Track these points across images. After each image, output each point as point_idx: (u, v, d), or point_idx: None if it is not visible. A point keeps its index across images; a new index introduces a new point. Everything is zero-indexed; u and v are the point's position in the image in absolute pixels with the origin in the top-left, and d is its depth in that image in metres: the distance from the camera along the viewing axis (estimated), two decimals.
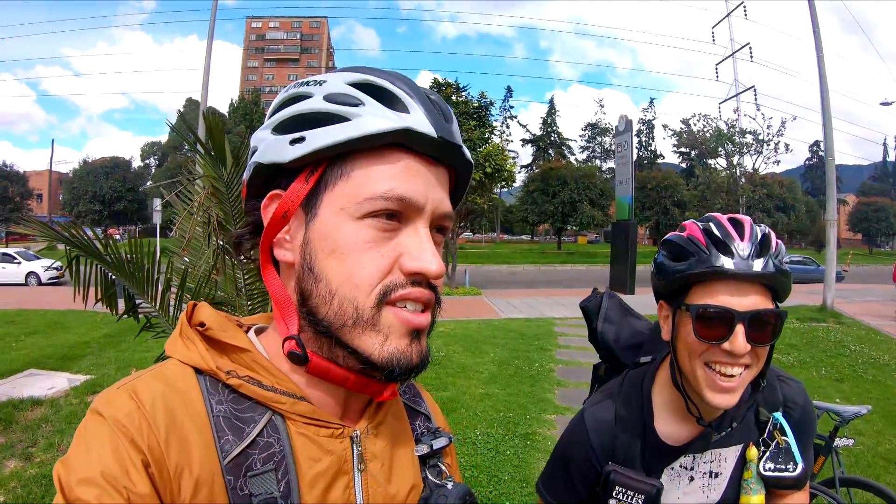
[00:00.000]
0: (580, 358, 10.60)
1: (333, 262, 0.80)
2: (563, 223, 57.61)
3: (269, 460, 0.80)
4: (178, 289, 3.70)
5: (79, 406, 7.19)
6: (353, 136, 0.78)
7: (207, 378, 0.82)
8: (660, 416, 1.48)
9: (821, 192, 64.63)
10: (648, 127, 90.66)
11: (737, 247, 1.26)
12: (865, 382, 9.37)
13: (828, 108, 18.87)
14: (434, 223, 0.84)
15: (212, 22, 21.92)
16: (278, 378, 0.85)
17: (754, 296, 1.26)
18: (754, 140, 49.74)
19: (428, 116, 0.80)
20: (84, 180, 63.59)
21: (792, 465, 1.38)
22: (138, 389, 0.76)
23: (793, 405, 1.47)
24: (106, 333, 11.83)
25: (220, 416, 0.79)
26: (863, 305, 19.44)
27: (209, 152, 3.55)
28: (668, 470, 1.46)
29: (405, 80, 0.84)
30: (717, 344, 1.26)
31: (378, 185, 0.79)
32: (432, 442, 1.01)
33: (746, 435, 1.45)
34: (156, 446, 0.72)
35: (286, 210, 0.83)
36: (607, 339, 1.78)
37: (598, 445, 1.51)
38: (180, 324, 0.87)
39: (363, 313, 0.79)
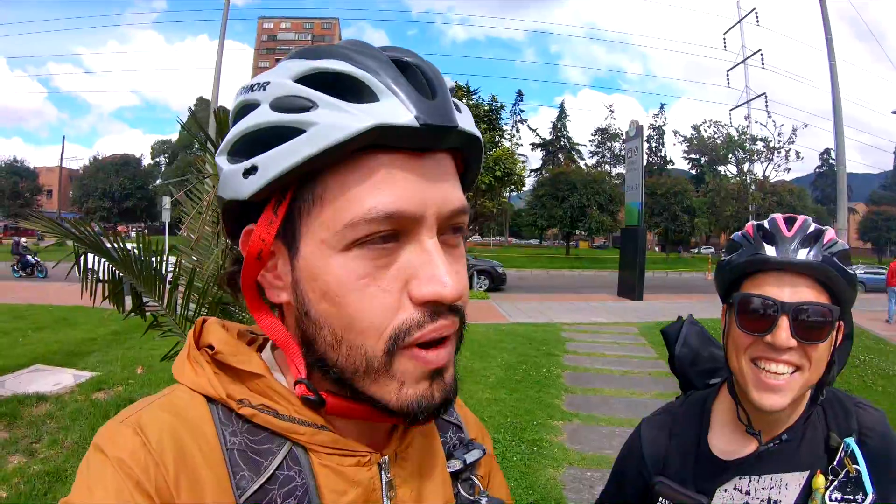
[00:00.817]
0: (588, 364, 10.59)
1: (329, 306, 0.68)
2: (572, 228, 57.62)
3: (290, 496, 0.71)
4: (186, 288, 3.69)
5: (84, 403, 7.18)
6: (311, 153, 0.63)
7: (220, 406, 0.74)
8: (716, 430, 1.43)
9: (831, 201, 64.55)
10: (659, 133, 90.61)
11: (781, 237, 1.25)
12: (875, 393, 9.30)
13: (839, 115, 18.83)
14: (443, 226, 0.70)
15: (223, 22, 22.02)
16: (296, 406, 0.75)
17: (804, 289, 1.22)
18: (765, 147, 49.82)
19: (405, 99, 0.64)
20: (94, 177, 64.01)
21: (861, 496, 1.26)
22: (144, 423, 0.69)
23: (869, 433, 1.34)
24: (113, 331, 11.84)
25: (234, 449, 0.72)
26: (872, 315, 19.35)
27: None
28: (721, 492, 1.37)
29: (366, 52, 0.67)
30: (760, 336, 1.23)
31: (358, 205, 0.65)
32: (465, 456, 0.93)
33: (813, 461, 1.33)
34: (164, 487, 0.65)
35: (259, 251, 0.71)
36: (684, 363, 1.71)
37: (649, 458, 1.48)
38: (187, 345, 0.79)
39: (373, 361, 0.68)
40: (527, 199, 67.62)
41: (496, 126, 23.72)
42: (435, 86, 0.68)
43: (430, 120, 0.64)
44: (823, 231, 1.26)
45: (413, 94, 0.65)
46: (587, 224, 55.39)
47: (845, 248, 1.26)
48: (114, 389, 7.82)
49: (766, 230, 1.28)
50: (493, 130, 22.96)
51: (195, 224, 3.92)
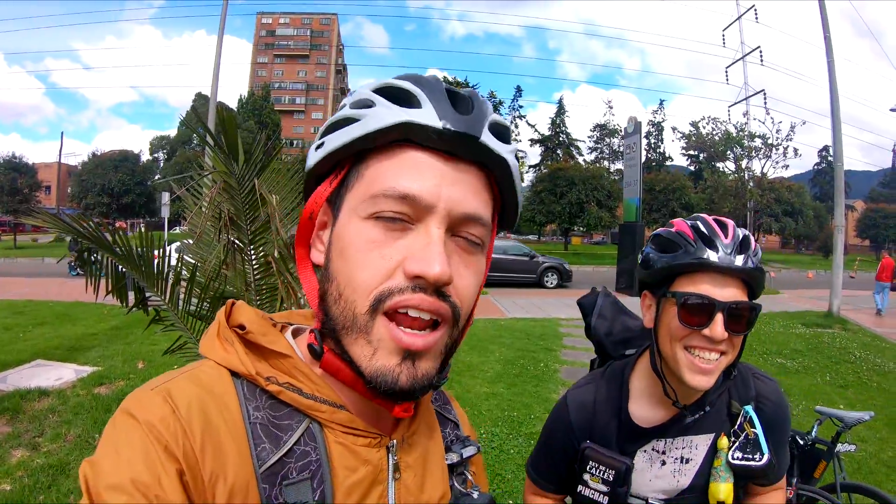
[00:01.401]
0: (585, 359, 10.53)
1: (341, 262, 0.78)
2: (571, 224, 57.37)
3: (305, 469, 0.77)
4: (188, 283, 3.72)
5: (85, 397, 7.23)
6: (357, 135, 0.78)
7: (245, 382, 0.80)
8: (635, 400, 1.62)
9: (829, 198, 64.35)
10: (657, 129, 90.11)
11: (721, 243, 1.41)
12: (870, 389, 9.37)
13: (838, 113, 18.81)
14: (454, 225, 0.78)
15: (222, 17, 21.98)
16: (319, 386, 0.83)
17: (733, 288, 1.40)
18: (763, 144, 49.58)
19: (439, 109, 0.76)
20: (93, 173, 63.58)
21: (759, 456, 1.48)
22: (173, 392, 0.73)
23: (765, 401, 1.59)
24: (113, 326, 11.90)
25: (256, 422, 0.77)
26: (869, 312, 19.39)
27: (222, 148, 3.56)
28: (642, 452, 1.58)
29: (429, 81, 0.80)
30: (698, 330, 1.39)
31: (382, 183, 0.76)
32: (462, 451, 1.01)
33: (718, 425, 1.56)
34: (191, 453, 0.69)
35: (311, 212, 0.84)
36: (599, 333, 1.89)
37: (577, 425, 1.66)
38: (217, 324, 0.85)
39: (358, 319, 0.76)
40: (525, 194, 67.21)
41: None
42: (470, 107, 0.80)
43: (454, 126, 0.76)
44: (749, 237, 1.44)
45: (449, 108, 0.77)
46: (586, 220, 55.20)
47: (760, 250, 1.46)
48: (115, 384, 7.87)
49: (705, 234, 1.43)
50: None
51: (197, 220, 3.95)
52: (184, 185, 4.22)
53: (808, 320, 16.15)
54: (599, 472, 1.56)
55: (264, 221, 3.73)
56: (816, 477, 4.24)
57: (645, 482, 1.57)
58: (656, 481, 1.56)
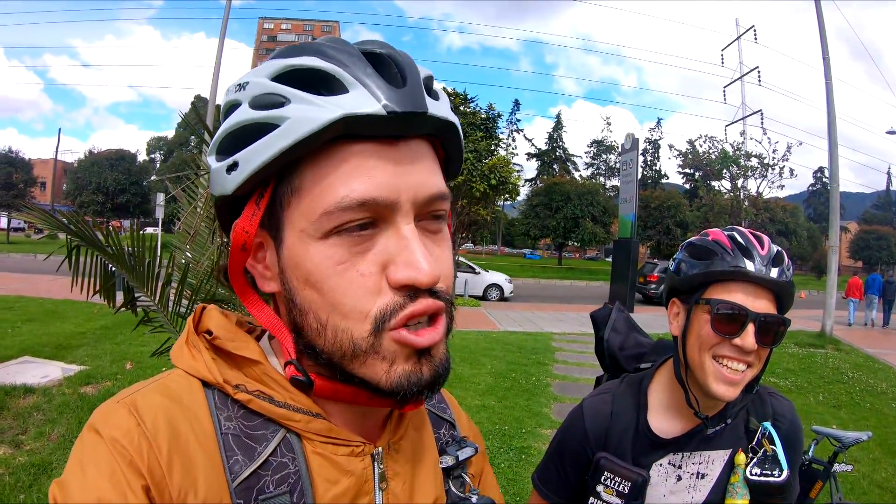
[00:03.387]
0: (577, 374, 10.61)
1: (311, 292, 0.71)
2: (565, 238, 57.70)
3: (283, 482, 0.73)
4: (179, 284, 3.68)
5: (71, 396, 7.15)
6: (283, 146, 0.66)
7: (216, 391, 0.75)
8: (654, 411, 1.59)
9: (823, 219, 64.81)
10: (654, 146, 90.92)
11: (758, 254, 1.40)
12: (863, 410, 9.39)
13: (834, 134, 18.96)
14: (422, 211, 0.72)
15: (224, 20, 22.03)
16: (292, 393, 0.77)
17: (765, 301, 1.40)
18: (759, 164, 49.87)
19: (372, 89, 0.66)
20: (89, 171, 63.76)
21: (778, 472, 1.47)
22: (139, 404, 0.70)
23: (782, 419, 1.58)
24: (102, 325, 11.81)
25: (228, 433, 0.73)
26: (862, 333, 19.48)
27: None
28: (657, 466, 1.55)
29: (338, 47, 0.70)
30: (729, 338, 1.38)
31: (332, 194, 0.67)
32: (458, 453, 0.95)
33: (735, 441, 1.54)
34: (157, 468, 0.66)
35: (242, 242, 0.74)
36: (612, 347, 1.88)
37: (592, 434, 1.63)
38: (186, 330, 0.80)
39: (360, 343, 0.69)
40: (521, 208, 67.79)
41: (493, 134, 23.61)
42: (406, 74, 0.69)
43: (398, 107, 0.66)
44: (783, 253, 1.44)
45: (382, 84, 0.67)
46: (580, 235, 55.48)
47: (792, 267, 1.47)
48: (102, 384, 7.80)
49: (742, 244, 1.43)
50: (489, 139, 22.87)
51: (190, 220, 3.92)
52: (180, 186, 4.19)
53: (801, 340, 16.19)
54: (614, 484, 1.52)
55: None
56: (812, 497, 4.23)
57: (658, 497, 1.54)
58: (670, 497, 1.54)
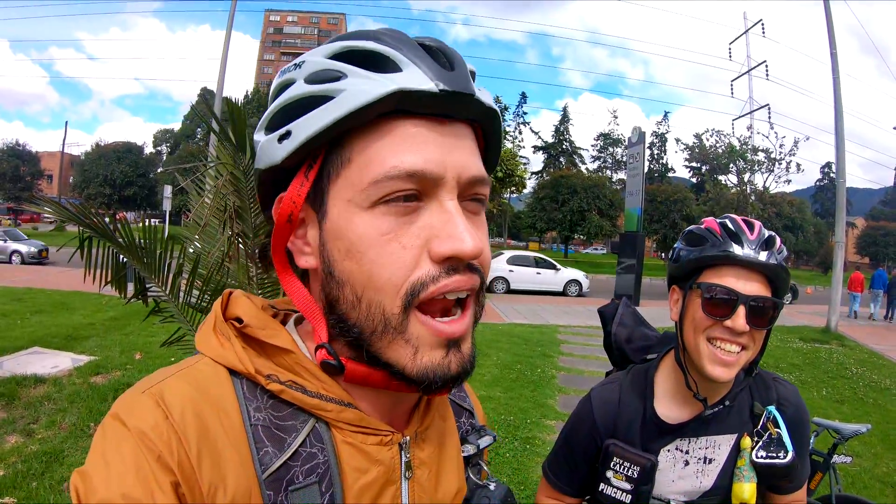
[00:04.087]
0: (582, 366, 10.64)
1: (352, 263, 0.70)
2: (571, 231, 57.47)
3: (312, 472, 0.72)
4: (190, 274, 3.71)
5: (81, 386, 7.22)
6: (339, 115, 0.67)
7: (244, 380, 0.74)
8: (660, 398, 1.64)
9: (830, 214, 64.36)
10: (661, 140, 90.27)
11: (746, 239, 1.46)
12: (865, 405, 9.39)
13: (841, 129, 18.84)
14: (464, 192, 0.72)
15: (231, 13, 22.00)
16: (324, 383, 0.76)
17: (757, 283, 1.45)
18: (766, 158, 49.56)
19: (425, 69, 0.68)
20: (96, 163, 63.74)
21: (783, 454, 1.50)
22: (166, 395, 0.68)
23: (786, 403, 1.61)
24: (111, 316, 11.89)
25: (258, 424, 0.71)
26: (867, 328, 19.42)
27: (229, 139, 3.56)
28: (665, 452, 1.59)
29: (393, 35, 0.72)
30: (720, 321, 1.44)
31: (381, 164, 0.68)
32: (478, 441, 0.96)
33: (741, 426, 1.59)
34: (186, 463, 0.64)
35: (290, 213, 0.74)
36: (620, 340, 1.92)
37: (601, 422, 1.67)
38: (213, 316, 0.79)
39: (391, 319, 0.69)
40: (527, 201, 67.51)
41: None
42: (455, 62, 0.72)
43: (449, 87, 0.68)
44: (774, 237, 1.49)
45: (434, 65, 0.69)
46: (586, 228, 55.27)
47: (785, 251, 1.51)
48: (111, 374, 7.86)
49: (732, 230, 1.49)
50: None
51: (200, 211, 3.95)
52: (188, 177, 4.23)
53: (806, 335, 16.16)
54: (624, 469, 1.57)
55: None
56: (812, 488, 4.24)
57: (667, 483, 1.58)
58: (679, 482, 1.58)
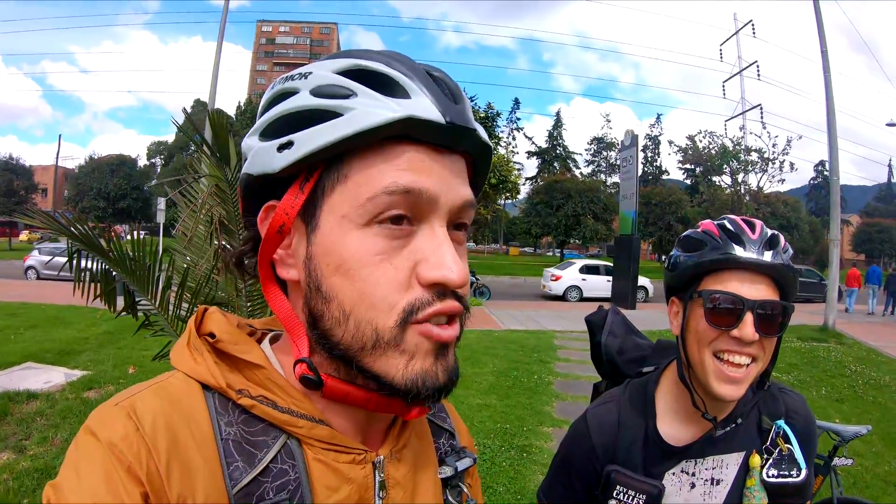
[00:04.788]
0: (579, 371, 10.61)
1: (342, 279, 0.71)
2: (567, 236, 57.60)
3: (282, 489, 0.72)
4: (179, 287, 3.68)
5: (74, 401, 7.17)
6: (347, 133, 0.68)
7: (217, 396, 0.74)
8: (662, 417, 1.51)
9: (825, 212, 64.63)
10: (654, 143, 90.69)
11: (748, 239, 1.34)
12: (865, 403, 9.39)
13: (834, 127, 18.94)
14: (452, 219, 0.75)
15: (222, 24, 22.04)
16: (295, 399, 0.77)
17: (764, 287, 1.32)
18: (759, 158, 49.82)
19: (433, 100, 0.70)
20: (90, 177, 63.83)
21: (796, 472, 1.41)
22: (137, 407, 0.69)
23: (795, 416, 1.50)
24: (105, 330, 11.83)
25: (229, 439, 0.72)
26: (865, 326, 19.47)
27: (214, 152, 3.55)
28: (670, 475, 1.46)
29: (402, 60, 0.74)
30: (726, 331, 1.31)
31: (380, 180, 0.69)
32: (457, 463, 0.94)
33: (749, 443, 1.47)
34: (155, 474, 0.65)
35: (281, 224, 0.75)
36: (611, 351, 1.80)
37: (599, 446, 1.53)
38: (188, 332, 0.80)
39: (384, 334, 0.70)
40: (522, 206, 67.73)
41: (492, 133, 23.58)
42: (458, 96, 0.75)
43: (456, 120, 0.71)
44: (778, 235, 1.37)
45: (442, 97, 0.71)
46: (582, 232, 55.41)
47: (791, 250, 1.38)
48: (104, 388, 7.82)
49: (732, 231, 1.37)
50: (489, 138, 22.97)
51: (189, 224, 3.93)
52: (178, 190, 4.21)
53: (804, 334, 16.11)
54: (627, 498, 1.45)
55: None
56: (813, 492, 4.21)
57: None
58: None
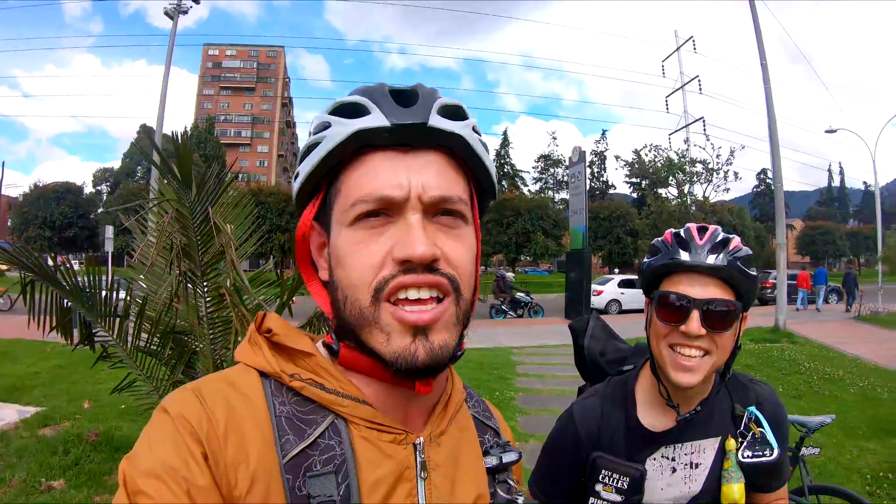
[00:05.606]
0: (539, 385, 10.72)
1: (339, 269, 0.85)
2: (518, 254, 57.81)
3: (329, 462, 0.80)
4: (137, 317, 3.63)
5: (30, 439, 6.91)
6: (322, 155, 0.85)
7: (272, 381, 0.86)
8: (642, 407, 1.65)
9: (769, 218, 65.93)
10: (600, 158, 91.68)
11: (694, 244, 1.49)
12: (822, 397, 9.69)
13: (775, 136, 19.45)
14: (431, 209, 0.83)
15: (170, 48, 21.84)
16: (341, 382, 0.87)
17: (713, 288, 1.46)
18: (704, 169, 50.62)
19: (385, 110, 0.83)
20: (34, 205, 62.45)
21: (769, 451, 1.55)
22: (202, 388, 0.81)
23: (765, 402, 1.67)
24: (56, 364, 11.47)
25: (282, 416, 0.82)
26: (814, 324, 19.94)
27: (175, 175, 3.50)
28: (651, 461, 1.59)
29: (375, 89, 0.87)
30: (675, 326, 1.46)
31: (358, 190, 0.83)
32: (502, 455, 1.02)
33: (724, 429, 1.61)
34: (214, 438, 0.75)
35: (302, 233, 0.92)
36: (593, 353, 1.94)
37: (585, 435, 1.66)
38: (249, 332, 0.92)
39: (365, 312, 0.81)
40: None
41: None
42: (420, 100, 0.85)
43: (400, 120, 0.82)
44: (730, 239, 1.51)
45: (394, 106, 0.84)
46: (532, 249, 55.65)
47: (748, 253, 1.51)
48: (60, 425, 7.54)
49: (682, 238, 1.52)
50: None
51: (147, 251, 3.87)
52: (130, 217, 4.15)
53: (756, 336, 16.47)
54: (612, 481, 1.56)
55: (218, 252, 3.66)
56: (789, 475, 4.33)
57: (657, 491, 1.59)
58: (668, 489, 1.59)
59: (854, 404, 9.28)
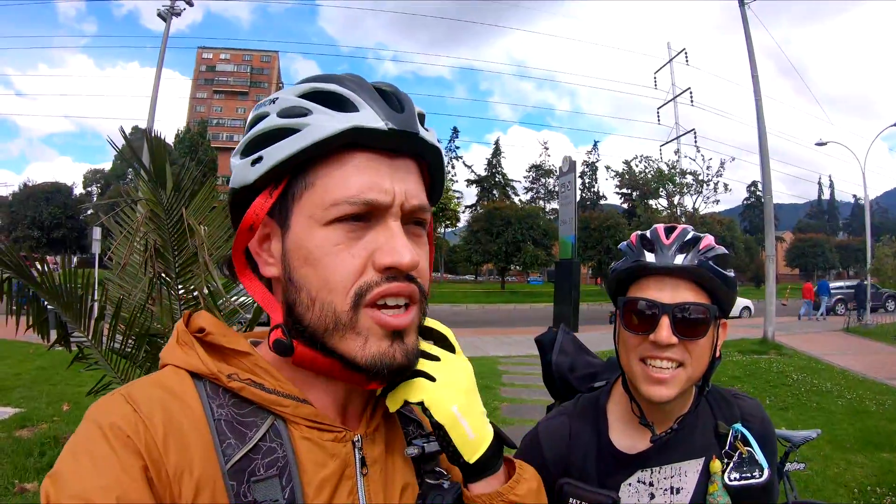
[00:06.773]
0: (525, 395, 10.64)
1: (309, 269, 0.82)
2: (507, 263, 57.99)
3: (272, 466, 0.79)
4: (112, 318, 3.56)
5: (5, 440, 6.86)
6: (304, 145, 0.80)
7: (207, 383, 0.82)
8: (614, 427, 1.49)
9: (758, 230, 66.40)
10: (591, 169, 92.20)
11: (661, 245, 1.35)
12: (810, 409, 9.65)
13: (765, 148, 19.56)
14: (408, 216, 0.85)
15: (162, 50, 21.81)
16: (280, 381, 0.86)
17: (684, 291, 1.33)
18: (694, 181, 50.96)
19: (377, 110, 0.81)
20: (24, 205, 62.30)
21: (758, 472, 1.38)
22: (134, 394, 0.77)
23: (752, 418, 1.50)
24: (38, 366, 11.46)
25: (221, 419, 0.79)
26: (803, 337, 19.97)
27: (149, 174, 3.44)
28: (626, 486, 1.43)
29: (355, 80, 0.85)
30: (644, 335, 1.33)
31: (341, 189, 0.80)
32: (424, 445, 0.98)
33: (707, 448, 1.44)
34: (153, 447, 0.71)
35: (251, 223, 0.85)
36: (562, 369, 1.78)
37: (551, 459, 1.50)
38: (176, 331, 0.88)
39: (341, 317, 0.80)
40: (462, 234, 68.04)
41: None
42: (404, 105, 0.85)
43: (397, 126, 0.82)
44: (700, 238, 1.37)
45: (385, 107, 0.83)
46: (522, 258, 55.84)
47: (723, 252, 1.38)
48: (38, 426, 7.51)
49: (647, 239, 1.39)
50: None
51: (121, 250, 3.80)
52: (110, 215, 4.09)
53: (745, 347, 16.49)
54: None
55: (192, 253, 3.60)
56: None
57: None
58: None
59: (842, 417, 9.26)
